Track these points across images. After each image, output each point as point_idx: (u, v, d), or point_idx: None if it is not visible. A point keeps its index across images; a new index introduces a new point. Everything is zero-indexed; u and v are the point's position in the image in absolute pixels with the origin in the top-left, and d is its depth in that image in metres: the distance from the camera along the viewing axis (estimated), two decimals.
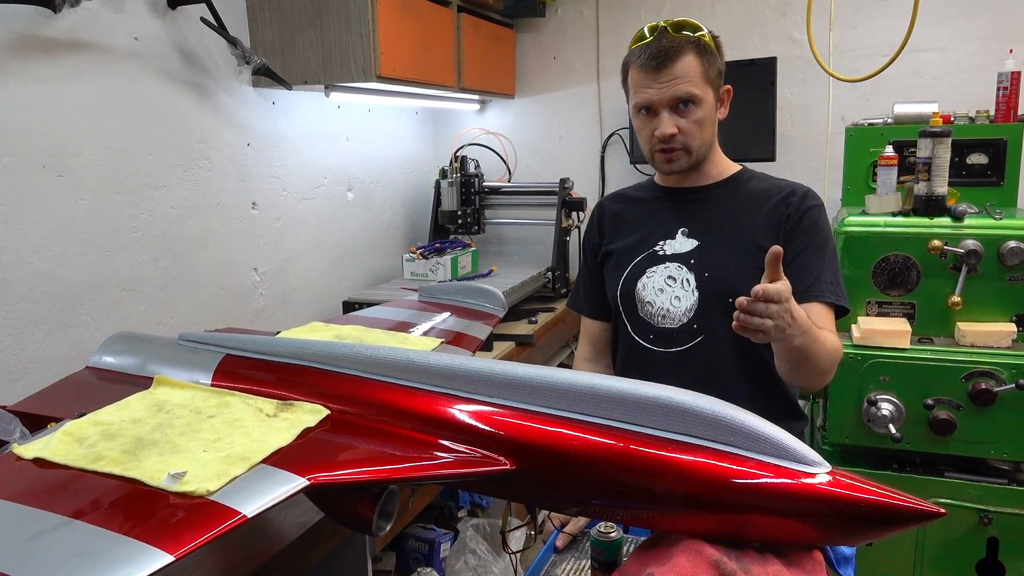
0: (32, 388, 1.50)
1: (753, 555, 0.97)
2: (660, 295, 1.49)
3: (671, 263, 1.50)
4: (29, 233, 1.64)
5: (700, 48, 1.43)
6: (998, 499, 2.07)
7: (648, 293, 1.50)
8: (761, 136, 2.78)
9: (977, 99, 2.58)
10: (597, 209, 1.70)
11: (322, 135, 2.61)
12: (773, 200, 1.49)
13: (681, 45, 1.42)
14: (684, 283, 1.48)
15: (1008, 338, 2.03)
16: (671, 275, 1.49)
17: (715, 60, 1.46)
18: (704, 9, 3.03)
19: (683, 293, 1.48)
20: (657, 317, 1.50)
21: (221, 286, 2.19)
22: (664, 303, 1.49)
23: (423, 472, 1.03)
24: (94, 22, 1.75)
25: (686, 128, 1.44)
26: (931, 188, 2.11)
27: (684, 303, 1.48)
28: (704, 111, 1.44)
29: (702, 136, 1.46)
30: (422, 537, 2.42)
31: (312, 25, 2.20)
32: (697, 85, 1.42)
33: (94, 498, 0.90)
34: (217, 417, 1.12)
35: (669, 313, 1.49)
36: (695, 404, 0.99)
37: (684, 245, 1.51)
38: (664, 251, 1.52)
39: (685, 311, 1.47)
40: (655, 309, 1.50)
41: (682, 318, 1.48)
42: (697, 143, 1.46)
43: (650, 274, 1.51)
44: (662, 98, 1.42)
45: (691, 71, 1.42)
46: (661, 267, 1.50)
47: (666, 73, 1.41)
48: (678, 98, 1.41)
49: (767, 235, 1.45)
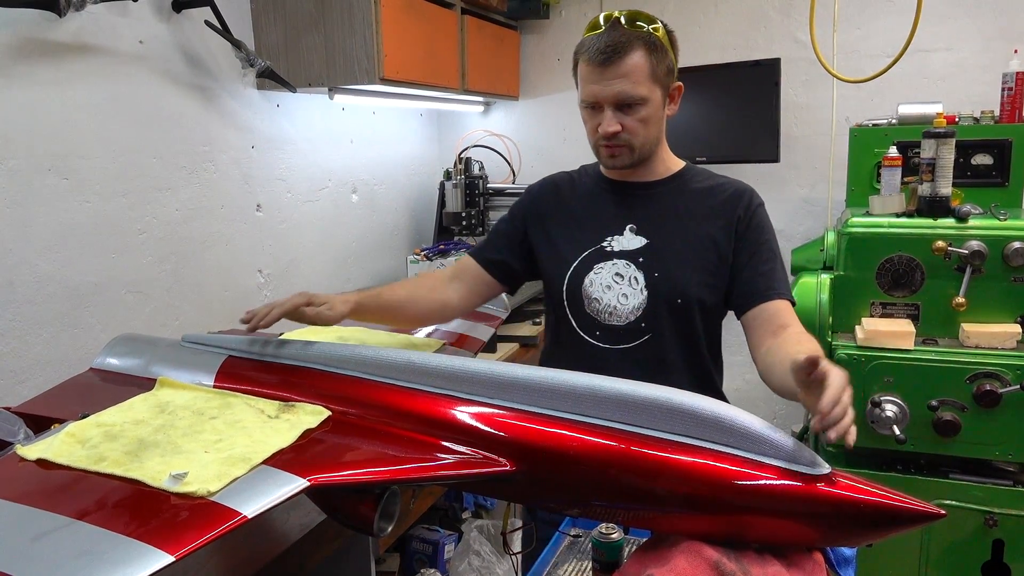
0: (37, 389, 1.51)
1: (753, 556, 0.97)
2: (607, 292, 1.49)
3: (619, 260, 1.49)
4: (34, 235, 1.65)
5: (650, 44, 1.41)
6: (1003, 501, 2.06)
7: (595, 290, 1.50)
8: (765, 137, 2.77)
9: (982, 99, 2.57)
10: (551, 184, 1.65)
11: (326, 137, 2.62)
12: (719, 199, 1.50)
13: (630, 41, 1.39)
14: (632, 281, 1.48)
15: (1013, 339, 2.02)
16: (619, 272, 1.49)
17: (665, 56, 1.43)
18: (708, 10, 3.03)
19: (631, 291, 1.48)
20: (604, 314, 1.49)
21: (226, 288, 2.20)
22: (611, 300, 1.48)
23: (424, 473, 1.03)
24: (99, 26, 1.76)
25: (630, 126, 1.43)
26: (935, 189, 2.11)
27: (632, 301, 1.47)
28: (649, 110, 1.43)
29: (646, 134, 1.45)
30: (426, 538, 2.42)
31: (316, 28, 2.21)
32: (643, 84, 1.40)
33: (96, 499, 0.90)
34: (219, 418, 1.12)
35: (616, 311, 1.48)
36: (695, 405, 0.99)
37: (632, 242, 1.50)
38: (612, 247, 1.51)
39: (633, 309, 1.47)
40: (602, 306, 1.49)
41: (629, 316, 1.48)
42: (640, 141, 1.45)
43: (597, 270, 1.50)
44: (607, 95, 1.41)
45: (637, 69, 1.39)
46: (609, 264, 1.50)
47: (612, 70, 1.39)
48: (622, 98, 1.41)
49: (718, 235, 1.47)
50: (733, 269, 1.47)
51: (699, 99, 2.70)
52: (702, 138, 2.77)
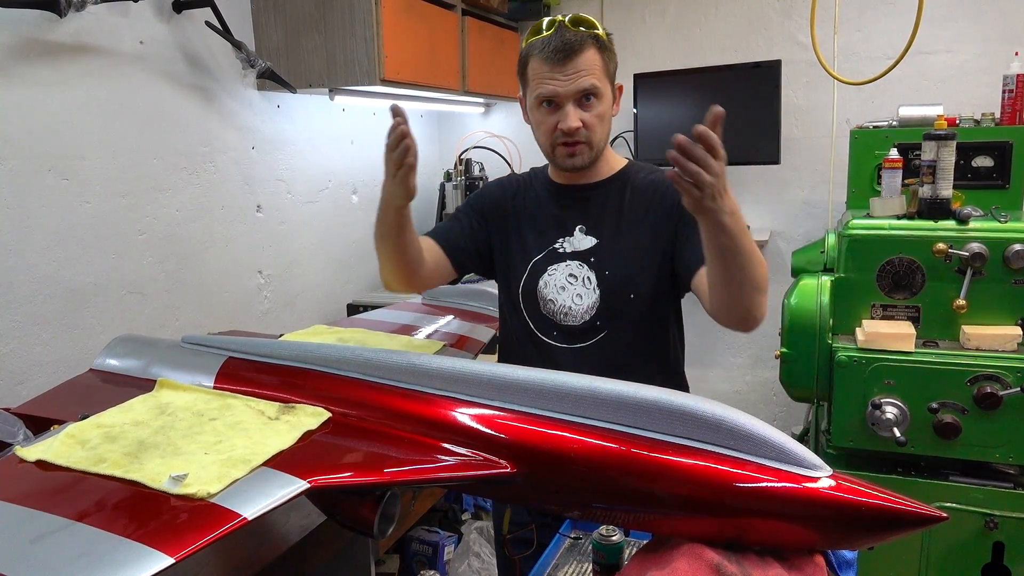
0: (37, 390, 1.51)
1: (754, 559, 0.97)
2: (562, 293, 1.51)
3: (571, 261, 1.52)
4: (34, 235, 1.65)
5: (600, 44, 1.44)
6: (1004, 503, 2.05)
7: (550, 291, 1.52)
8: (766, 139, 2.77)
9: (982, 102, 2.57)
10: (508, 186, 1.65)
11: (327, 138, 2.62)
12: (660, 190, 1.51)
13: (583, 39, 1.42)
14: (585, 281, 1.50)
15: (1013, 341, 2.02)
16: (572, 273, 1.51)
17: (613, 57, 1.48)
18: (708, 12, 3.03)
19: (584, 291, 1.50)
20: (559, 315, 1.51)
21: (226, 289, 2.19)
22: (566, 301, 1.51)
23: (424, 475, 1.03)
24: (99, 26, 1.76)
25: (589, 121, 1.44)
26: (936, 191, 2.11)
27: (586, 300, 1.50)
28: (604, 106, 1.46)
29: (602, 130, 1.48)
30: (426, 540, 2.42)
31: (316, 29, 2.21)
32: (599, 79, 1.43)
33: (96, 500, 0.90)
34: (219, 420, 1.12)
35: (571, 311, 1.50)
36: (696, 407, 0.99)
37: (583, 243, 1.52)
38: (564, 249, 1.53)
39: (587, 308, 1.50)
40: (557, 307, 1.51)
41: (584, 315, 1.50)
42: (598, 137, 1.47)
43: (551, 272, 1.52)
44: (568, 91, 1.42)
45: (594, 65, 1.42)
46: (562, 265, 1.52)
47: (572, 66, 1.41)
48: (583, 90, 1.42)
49: (661, 224, 1.48)
50: (675, 245, 1.47)
51: (699, 101, 2.70)
52: None
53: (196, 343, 1.38)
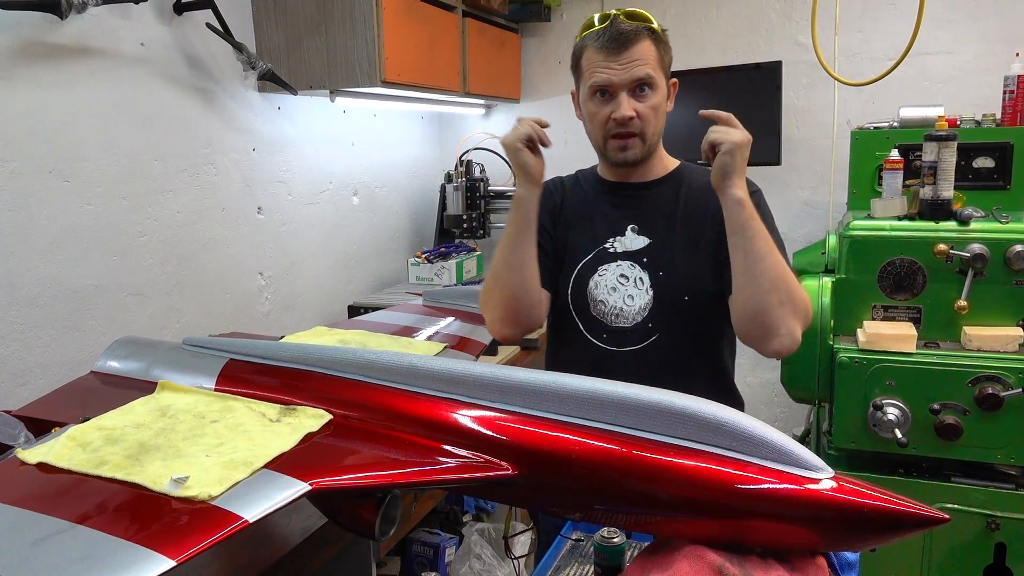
0: (37, 392, 1.51)
1: (756, 561, 0.97)
2: (613, 294, 1.48)
3: (623, 261, 1.49)
4: (35, 237, 1.65)
5: (655, 36, 1.44)
6: (1005, 504, 2.05)
7: (600, 292, 1.49)
8: (766, 140, 2.77)
9: (983, 103, 2.57)
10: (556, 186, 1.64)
11: (327, 140, 2.62)
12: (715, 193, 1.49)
13: (639, 31, 1.41)
14: (637, 282, 1.47)
15: (1015, 342, 2.02)
16: (623, 273, 1.48)
17: (668, 51, 1.47)
18: (709, 13, 3.03)
19: (636, 292, 1.47)
20: (610, 316, 1.49)
21: (227, 290, 2.19)
22: (617, 302, 1.48)
23: (425, 477, 1.03)
24: (100, 28, 1.76)
25: (643, 112, 1.43)
26: (937, 192, 2.10)
27: (638, 302, 1.47)
28: (659, 98, 1.44)
29: (656, 124, 1.46)
30: (427, 542, 2.42)
31: (317, 30, 2.21)
32: (655, 69, 1.42)
33: (97, 503, 0.90)
34: (220, 422, 1.12)
35: (622, 312, 1.48)
36: (697, 409, 0.98)
37: (635, 243, 1.50)
38: (615, 248, 1.50)
39: (639, 310, 1.47)
40: (608, 308, 1.49)
41: (636, 317, 1.47)
42: (652, 130, 1.46)
43: (602, 272, 1.50)
44: (623, 80, 1.41)
45: (649, 55, 1.42)
46: (613, 265, 1.50)
47: (626, 55, 1.40)
48: (638, 79, 1.41)
49: (716, 228, 1.45)
50: (725, 254, 1.44)
51: (700, 102, 2.68)
52: None
53: (197, 345, 1.38)
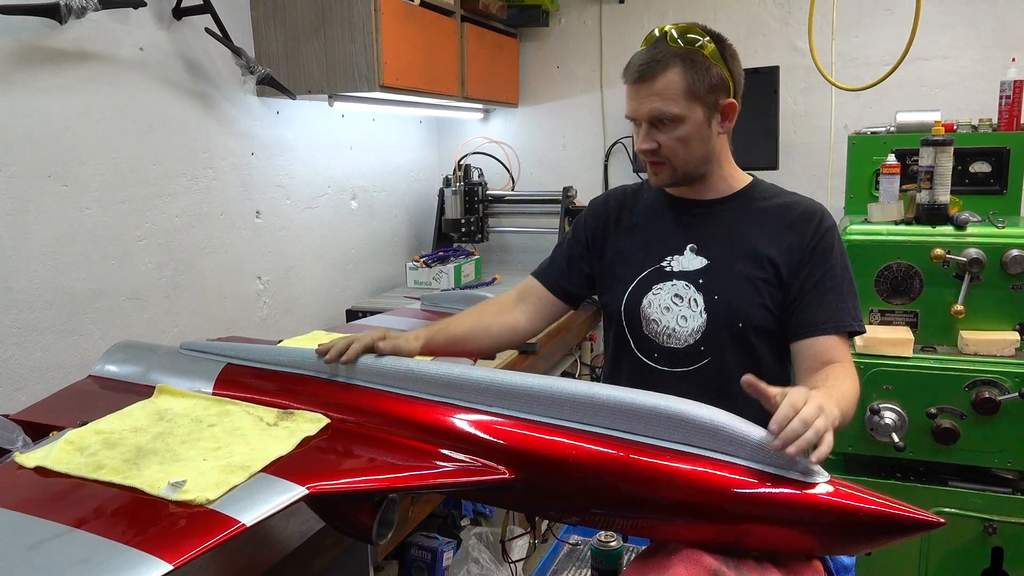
0: (35, 396, 1.51)
1: (752, 564, 0.97)
2: (666, 313, 1.45)
3: (678, 281, 1.46)
4: (34, 241, 1.65)
5: (688, 62, 1.37)
6: (1002, 508, 2.05)
7: (654, 311, 1.46)
8: (764, 144, 2.78)
9: (980, 108, 2.58)
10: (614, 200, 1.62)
11: (326, 144, 2.62)
12: (785, 219, 1.45)
13: (666, 59, 1.36)
14: (691, 303, 1.44)
15: (1011, 347, 2.03)
16: (678, 293, 1.45)
17: (706, 74, 1.38)
18: (707, 18, 3.03)
19: (690, 313, 1.44)
20: (662, 336, 1.46)
21: (225, 294, 2.20)
22: (670, 322, 1.45)
23: (422, 481, 1.03)
24: (99, 33, 1.77)
25: (667, 144, 1.40)
26: (933, 196, 2.11)
27: (691, 324, 1.44)
28: (688, 128, 1.39)
29: (687, 153, 1.41)
30: (425, 546, 2.41)
31: (316, 35, 2.21)
32: (677, 103, 1.37)
33: (94, 507, 0.90)
34: (218, 426, 1.12)
35: (675, 333, 1.45)
36: (693, 413, 0.99)
37: (693, 263, 1.46)
38: (671, 268, 1.47)
39: (692, 332, 1.43)
40: (660, 328, 1.46)
41: (688, 339, 1.44)
42: (681, 160, 1.42)
43: (656, 291, 1.47)
44: (641, 113, 1.39)
45: (671, 88, 1.36)
46: (668, 284, 1.46)
47: (646, 88, 1.38)
48: (653, 116, 1.39)
49: (780, 258, 1.41)
50: (793, 294, 1.41)
51: None
52: None
53: (195, 349, 1.39)
